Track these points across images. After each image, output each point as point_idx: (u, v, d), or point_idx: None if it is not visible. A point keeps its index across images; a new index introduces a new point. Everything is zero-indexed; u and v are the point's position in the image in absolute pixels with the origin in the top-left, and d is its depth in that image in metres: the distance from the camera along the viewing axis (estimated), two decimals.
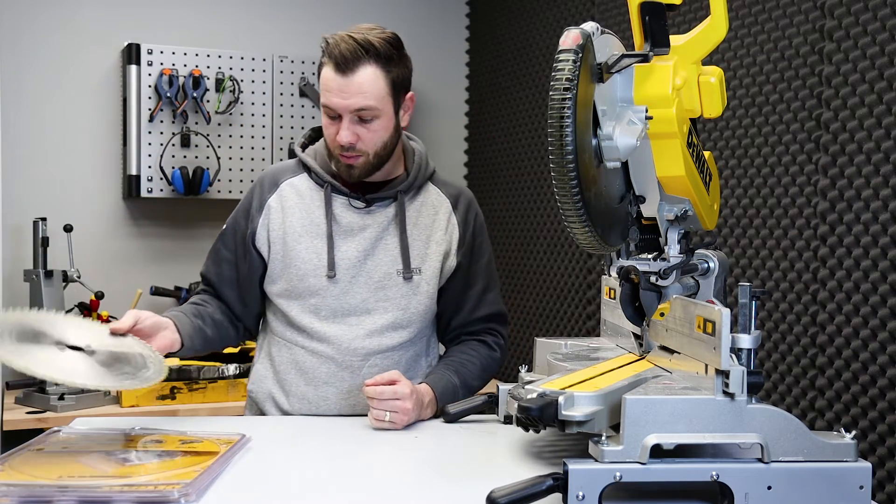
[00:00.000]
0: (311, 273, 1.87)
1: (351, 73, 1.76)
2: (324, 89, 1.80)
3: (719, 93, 1.45)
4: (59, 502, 1.25)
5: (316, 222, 1.89)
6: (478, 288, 1.98)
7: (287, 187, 1.92)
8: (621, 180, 1.48)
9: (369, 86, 1.77)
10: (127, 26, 3.53)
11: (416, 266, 1.90)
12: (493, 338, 2.00)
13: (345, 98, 1.77)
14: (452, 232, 1.96)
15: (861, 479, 1.25)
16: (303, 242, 1.88)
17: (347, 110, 1.78)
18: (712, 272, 1.51)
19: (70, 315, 1.63)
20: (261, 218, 1.91)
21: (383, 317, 1.89)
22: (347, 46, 1.76)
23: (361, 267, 1.88)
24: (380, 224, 1.90)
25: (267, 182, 1.94)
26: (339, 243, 1.88)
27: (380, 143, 1.82)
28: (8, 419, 2.85)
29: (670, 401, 1.25)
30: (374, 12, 3.90)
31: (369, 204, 1.90)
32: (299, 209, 1.90)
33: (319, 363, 1.89)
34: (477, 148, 3.97)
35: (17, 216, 3.26)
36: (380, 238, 1.89)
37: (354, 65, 1.76)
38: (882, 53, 2.04)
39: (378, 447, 1.63)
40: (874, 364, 2.04)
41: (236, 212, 1.96)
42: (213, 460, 1.41)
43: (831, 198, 2.15)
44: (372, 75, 1.77)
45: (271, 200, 1.91)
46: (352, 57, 1.75)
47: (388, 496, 1.35)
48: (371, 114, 1.78)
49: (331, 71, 1.78)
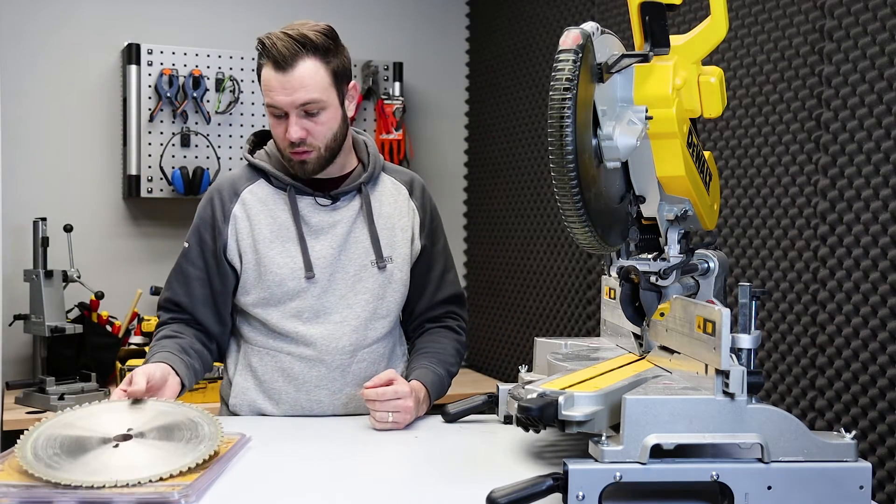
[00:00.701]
0: (289, 277, 1.86)
1: (291, 68, 1.76)
2: (266, 90, 1.79)
3: (719, 93, 1.45)
4: (59, 502, 1.25)
5: (285, 226, 1.88)
6: (438, 270, 2.01)
7: (248, 195, 1.90)
8: (621, 180, 1.48)
9: (311, 79, 1.77)
10: (127, 26, 3.53)
11: (388, 255, 1.92)
12: (456, 321, 2.04)
13: (288, 94, 1.76)
14: (413, 217, 1.98)
15: (861, 479, 1.25)
16: (275, 248, 1.87)
17: (293, 106, 1.77)
18: (712, 272, 1.51)
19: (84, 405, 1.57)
20: (228, 229, 1.88)
21: (365, 309, 1.90)
22: (284, 44, 1.76)
23: (337, 263, 1.89)
24: (348, 218, 1.91)
25: (225, 193, 1.91)
26: (312, 243, 1.88)
27: (329, 135, 1.82)
28: (8, 419, 2.85)
29: (670, 401, 1.25)
30: (374, 13, 3.90)
31: (335, 200, 1.90)
32: (265, 215, 1.88)
33: (308, 368, 1.88)
34: (477, 148, 3.97)
35: (17, 216, 3.26)
36: (350, 232, 1.90)
37: (293, 60, 1.76)
38: (882, 53, 2.04)
39: (378, 447, 1.63)
40: (874, 364, 2.04)
41: (196, 229, 1.91)
42: (213, 460, 1.41)
43: (831, 198, 2.15)
44: (312, 68, 1.77)
45: (235, 210, 1.89)
46: (289, 53, 1.76)
47: (389, 496, 1.35)
48: (317, 106, 1.78)
49: (270, 70, 1.78)
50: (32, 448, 1.37)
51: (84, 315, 3.25)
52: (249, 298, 1.89)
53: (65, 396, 2.90)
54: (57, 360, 3.09)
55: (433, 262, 2.01)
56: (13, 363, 3.33)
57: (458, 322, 2.05)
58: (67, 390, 2.94)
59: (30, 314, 3.04)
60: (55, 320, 3.01)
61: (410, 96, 3.92)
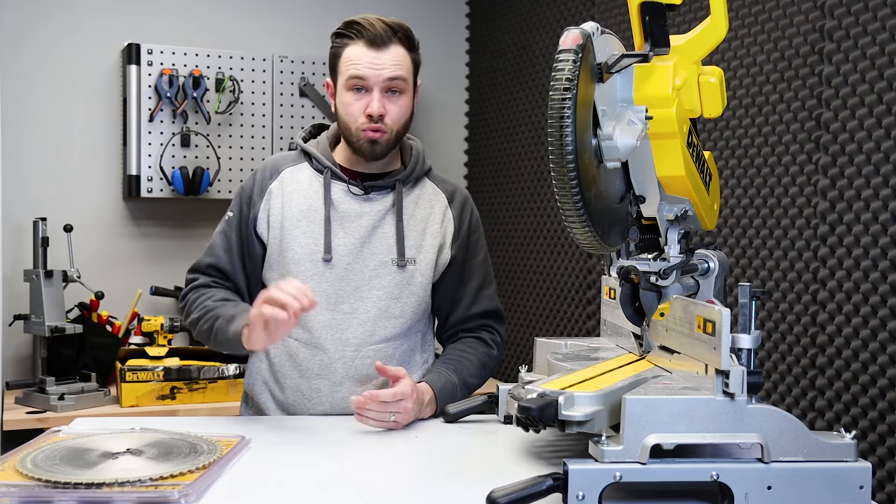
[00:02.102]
0: (308, 257, 1.88)
1: (385, 47, 1.83)
2: (351, 64, 1.83)
3: (719, 93, 1.45)
4: (59, 502, 1.25)
5: (314, 207, 1.91)
6: (474, 284, 2.00)
7: (288, 174, 1.95)
8: (621, 180, 1.48)
9: (401, 59, 1.85)
10: (127, 26, 3.53)
11: (411, 256, 1.92)
12: (491, 335, 2.01)
13: (378, 69, 1.82)
14: (448, 225, 1.98)
15: (861, 479, 1.25)
16: (300, 227, 1.90)
17: (380, 79, 1.82)
18: (712, 272, 1.51)
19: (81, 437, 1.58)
20: (262, 203, 1.93)
21: (376, 305, 1.90)
22: (381, 26, 1.84)
23: (357, 254, 1.90)
24: (377, 212, 1.92)
25: (268, 169, 1.97)
26: (336, 229, 1.90)
27: (401, 121, 1.88)
28: (8, 419, 2.85)
29: (670, 401, 1.25)
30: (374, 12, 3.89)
31: (367, 192, 1.92)
32: (298, 195, 1.92)
33: (312, 355, 1.90)
34: (477, 148, 3.97)
35: (17, 216, 3.26)
36: (376, 226, 1.91)
37: (387, 42, 1.84)
38: (882, 53, 2.04)
39: (378, 447, 1.63)
40: (874, 364, 2.04)
41: (238, 199, 1.97)
42: (213, 461, 1.41)
43: (831, 198, 2.15)
44: (402, 53, 1.86)
45: (273, 186, 1.94)
46: (386, 35, 1.84)
47: (389, 496, 1.35)
48: (400, 85, 1.85)
49: (361, 48, 1.83)
50: (32, 460, 1.38)
51: (84, 315, 3.25)
52: (272, 274, 1.93)
53: (65, 396, 2.90)
54: (57, 360, 3.09)
55: (470, 276, 1.99)
56: (13, 363, 3.33)
57: (493, 336, 2.02)
58: (67, 390, 2.93)
59: (30, 314, 3.04)
60: (55, 320, 3.01)
61: None
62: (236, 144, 3.55)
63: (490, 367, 1.99)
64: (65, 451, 1.44)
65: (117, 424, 1.67)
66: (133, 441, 1.50)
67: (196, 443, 1.50)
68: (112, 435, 1.56)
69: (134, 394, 2.96)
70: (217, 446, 1.49)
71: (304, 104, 3.67)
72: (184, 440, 1.52)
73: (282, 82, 3.62)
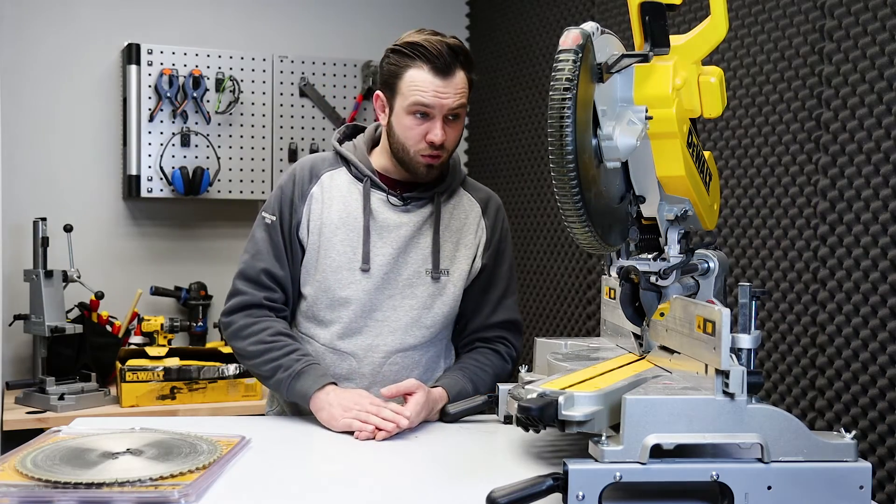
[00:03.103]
0: (346, 266, 1.88)
1: (451, 74, 1.81)
2: (417, 90, 1.80)
3: (719, 93, 1.45)
4: (59, 502, 1.25)
5: (353, 215, 1.90)
6: (497, 292, 2.00)
7: (327, 179, 1.93)
8: (621, 180, 1.48)
9: (463, 87, 1.84)
10: (127, 26, 3.53)
11: (445, 267, 1.93)
12: (506, 349, 2.00)
13: (443, 98, 1.81)
14: (481, 235, 1.98)
15: (861, 479, 1.25)
16: (339, 235, 1.89)
17: (444, 109, 1.82)
18: (712, 272, 1.51)
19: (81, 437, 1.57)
20: (304, 208, 1.91)
21: (408, 314, 1.90)
22: (447, 51, 1.81)
23: (394, 264, 1.90)
24: (415, 223, 1.92)
25: (306, 173, 1.94)
26: (375, 238, 1.90)
27: (457, 144, 1.90)
28: (8, 419, 2.85)
29: (670, 401, 1.25)
30: (374, 12, 3.90)
31: (406, 202, 1.92)
32: (338, 202, 1.91)
33: (339, 359, 1.90)
34: (477, 148, 3.97)
35: (17, 216, 3.26)
36: (413, 237, 1.92)
37: (452, 68, 1.81)
38: (882, 53, 2.04)
39: (378, 447, 1.63)
40: (874, 364, 2.04)
41: (278, 202, 1.92)
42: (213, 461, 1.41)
43: (831, 198, 2.15)
44: (464, 79, 1.84)
45: (314, 190, 1.92)
46: (451, 60, 1.81)
47: (389, 496, 1.35)
48: (461, 112, 1.85)
49: (427, 73, 1.80)
50: (32, 460, 1.38)
51: (84, 315, 3.25)
52: (307, 280, 1.92)
53: (65, 396, 2.90)
54: (57, 360, 3.09)
55: (494, 284, 1.99)
56: (13, 363, 3.33)
57: (509, 349, 2.00)
58: (67, 390, 2.93)
59: (30, 314, 3.04)
60: (55, 320, 3.00)
61: None
62: (236, 144, 3.55)
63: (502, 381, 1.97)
64: (65, 451, 1.44)
65: (117, 424, 1.67)
66: (133, 441, 1.50)
67: (196, 443, 1.50)
68: (112, 435, 1.56)
69: (134, 394, 2.96)
70: (217, 446, 1.49)
71: (304, 104, 3.67)
72: (184, 440, 1.52)
73: (282, 82, 3.62)
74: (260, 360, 1.84)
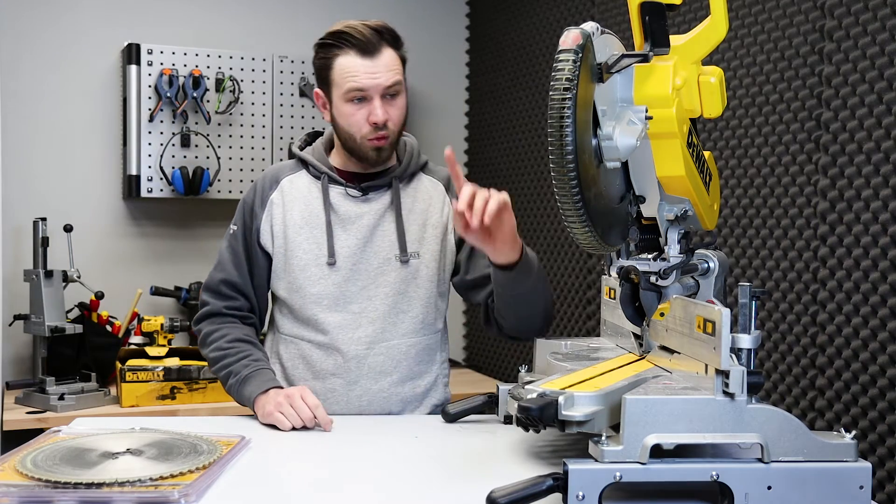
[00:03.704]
0: (313, 262, 1.91)
1: (377, 54, 1.84)
2: (347, 75, 1.84)
3: (719, 93, 1.45)
4: (59, 502, 1.25)
5: (315, 213, 1.93)
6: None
7: (287, 183, 1.97)
8: (621, 180, 1.48)
9: (394, 62, 1.86)
10: (127, 26, 3.53)
11: (414, 250, 1.93)
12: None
13: (375, 77, 1.83)
14: (447, 210, 1.98)
15: (861, 479, 1.25)
16: (303, 234, 1.92)
17: (379, 88, 1.84)
18: (712, 272, 1.51)
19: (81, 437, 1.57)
20: (264, 214, 1.96)
21: (384, 302, 1.91)
22: (368, 32, 1.84)
23: (361, 255, 1.91)
24: (376, 211, 1.94)
25: (267, 180, 1.99)
26: (339, 232, 1.92)
27: (401, 122, 1.91)
28: (8, 419, 2.85)
29: (670, 401, 1.25)
30: (374, 12, 3.89)
31: (365, 192, 1.94)
32: (299, 203, 1.94)
33: (325, 355, 1.91)
34: (477, 148, 3.97)
35: (17, 216, 3.26)
36: (377, 225, 1.93)
37: (378, 47, 1.85)
38: (882, 53, 2.04)
39: (378, 447, 1.63)
40: (874, 364, 2.04)
41: (240, 212, 1.99)
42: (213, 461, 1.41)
43: (831, 198, 2.15)
44: (392, 55, 1.87)
45: (273, 196, 1.96)
46: (375, 41, 1.84)
47: (389, 496, 1.35)
48: (398, 88, 1.87)
49: (355, 57, 1.84)
50: (32, 460, 1.38)
51: (84, 315, 3.25)
52: (280, 283, 1.95)
53: (65, 396, 2.90)
54: (57, 360, 3.09)
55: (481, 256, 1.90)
56: (13, 363, 3.33)
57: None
58: (67, 390, 2.93)
59: (30, 314, 3.04)
60: (55, 320, 3.01)
61: (410, 96, 3.89)
62: (236, 144, 3.55)
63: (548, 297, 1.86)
64: (65, 451, 1.44)
65: (117, 424, 1.67)
66: (133, 441, 1.50)
67: (196, 443, 1.50)
68: (112, 435, 1.56)
69: (134, 394, 2.96)
70: (217, 446, 1.49)
71: (304, 104, 3.67)
72: (184, 440, 1.52)
73: (282, 82, 3.62)
74: (217, 367, 1.92)
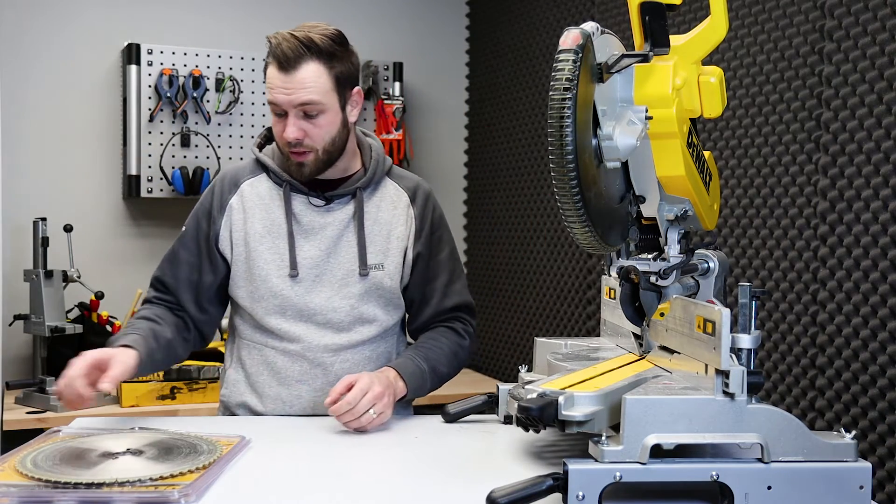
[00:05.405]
0: (275, 273, 1.87)
1: (294, 70, 1.78)
2: (268, 87, 1.81)
3: (719, 93, 1.45)
4: (59, 502, 1.25)
5: (277, 222, 1.89)
6: (442, 280, 1.97)
7: (247, 188, 1.92)
8: (621, 180, 1.48)
9: (312, 81, 1.78)
10: (127, 26, 3.52)
11: (378, 262, 1.90)
12: (463, 325, 2.00)
13: (288, 94, 1.78)
14: (411, 225, 1.95)
15: (861, 479, 1.25)
16: (265, 243, 1.88)
17: (291, 105, 1.79)
18: (712, 272, 1.51)
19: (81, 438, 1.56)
20: (223, 219, 1.91)
21: (349, 314, 1.89)
22: (289, 45, 1.78)
23: (324, 266, 1.88)
24: (340, 221, 1.90)
25: (227, 183, 1.93)
26: (301, 243, 1.88)
27: (328, 139, 1.83)
28: (8, 419, 2.85)
29: (670, 401, 1.25)
30: (373, 12, 3.90)
31: (329, 202, 1.90)
32: (260, 210, 1.90)
33: (291, 362, 1.89)
34: (477, 148, 3.97)
35: (17, 216, 3.25)
36: (341, 236, 1.90)
37: (297, 62, 1.78)
38: (882, 53, 2.04)
39: (378, 447, 1.63)
40: (874, 364, 2.04)
41: (195, 214, 1.94)
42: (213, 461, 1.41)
43: (831, 198, 2.15)
44: (315, 71, 1.79)
45: (233, 201, 1.91)
46: (294, 55, 1.77)
47: (388, 496, 1.35)
48: (315, 108, 1.80)
49: (274, 69, 1.80)
50: (32, 460, 1.38)
51: (84, 315, 3.25)
52: (240, 292, 1.91)
53: None
54: (57, 360, 3.08)
55: (437, 272, 1.97)
56: (13, 363, 3.33)
57: (466, 327, 2.00)
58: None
59: (30, 314, 3.04)
60: (55, 320, 3.00)
61: (410, 96, 3.92)
62: (236, 144, 3.55)
63: (462, 358, 1.98)
64: (65, 451, 1.44)
65: (117, 424, 1.67)
66: (133, 441, 1.50)
67: (196, 443, 1.50)
68: (112, 435, 1.56)
69: (134, 394, 2.96)
70: (217, 446, 1.49)
71: None
72: (184, 440, 1.52)
73: None
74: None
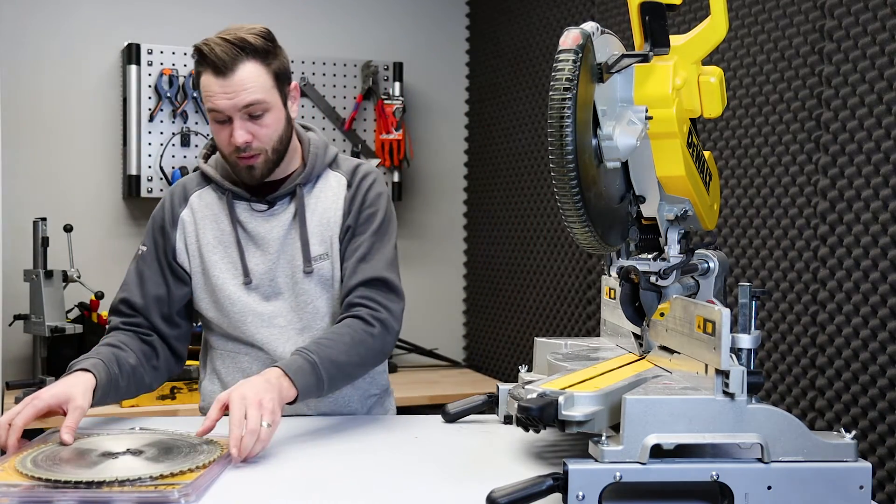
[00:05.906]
0: (231, 282, 1.85)
1: (231, 72, 1.74)
2: (206, 95, 1.76)
3: (719, 93, 1.45)
4: (59, 502, 1.25)
5: (226, 232, 1.87)
6: (357, 256, 1.85)
7: (196, 199, 1.90)
8: (621, 180, 1.48)
9: (253, 81, 1.74)
10: (127, 26, 3.53)
11: (323, 252, 1.86)
12: (368, 310, 1.80)
13: (230, 98, 1.73)
14: (346, 205, 1.89)
15: (861, 479, 1.25)
16: (217, 253, 1.86)
17: (235, 109, 1.74)
18: (712, 272, 1.51)
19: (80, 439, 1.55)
20: (176, 233, 1.89)
21: (305, 312, 1.86)
22: (223, 49, 1.74)
23: (275, 269, 1.86)
24: (283, 223, 1.87)
25: (176, 197, 1.91)
26: (251, 249, 1.86)
27: (275, 138, 1.80)
28: None
29: (670, 401, 1.25)
30: (373, 12, 3.90)
31: (272, 205, 1.87)
32: (210, 221, 1.88)
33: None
34: (477, 148, 3.97)
35: (17, 216, 3.25)
36: (285, 237, 1.86)
37: (233, 64, 1.73)
38: (882, 53, 2.04)
39: (378, 447, 1.63)
40: (874, 364, 2.04)
41: (150, 231, 1.91)
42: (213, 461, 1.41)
43: (831, 198, 2.15)
44: (253, 71, 1.75)
45: (183, 214, 1.89)
46: (229, 58, 1.73)
47: (388, 496, 1.35)
48: (260, 108, 1.75)
49: (210, 76, 1.75)
50: (33, 460, 1.38)
51: (84, 315, 3.25)
52: (203, 304, 1.89)
53: None
54: (57, 360, 3.09)
55: (355, 249, 1.86)
56: (13, 363, 3.33)
57: (372, 311, 1.80)
58: None
59: (30, 314, 3.04)
60: (55, 320, 3.00)
61: (410, 96, 3.92)
62: None
63: (371, 346, 1.78)
64: (65, 451, 1.44)
65: (117, 424, 1.67)
66: (133, 441, 1.51)
67: (196, 443, 1.50)
68: (112, 435, 1.56)
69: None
70: (217, 446, 1.49)
71: (303, 104, 3.67)
72: (184, 440, 1.52)
73: None
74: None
